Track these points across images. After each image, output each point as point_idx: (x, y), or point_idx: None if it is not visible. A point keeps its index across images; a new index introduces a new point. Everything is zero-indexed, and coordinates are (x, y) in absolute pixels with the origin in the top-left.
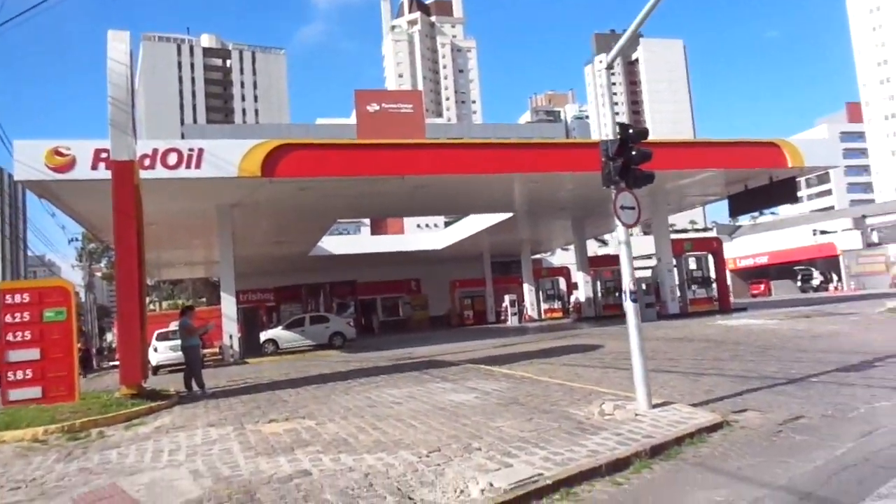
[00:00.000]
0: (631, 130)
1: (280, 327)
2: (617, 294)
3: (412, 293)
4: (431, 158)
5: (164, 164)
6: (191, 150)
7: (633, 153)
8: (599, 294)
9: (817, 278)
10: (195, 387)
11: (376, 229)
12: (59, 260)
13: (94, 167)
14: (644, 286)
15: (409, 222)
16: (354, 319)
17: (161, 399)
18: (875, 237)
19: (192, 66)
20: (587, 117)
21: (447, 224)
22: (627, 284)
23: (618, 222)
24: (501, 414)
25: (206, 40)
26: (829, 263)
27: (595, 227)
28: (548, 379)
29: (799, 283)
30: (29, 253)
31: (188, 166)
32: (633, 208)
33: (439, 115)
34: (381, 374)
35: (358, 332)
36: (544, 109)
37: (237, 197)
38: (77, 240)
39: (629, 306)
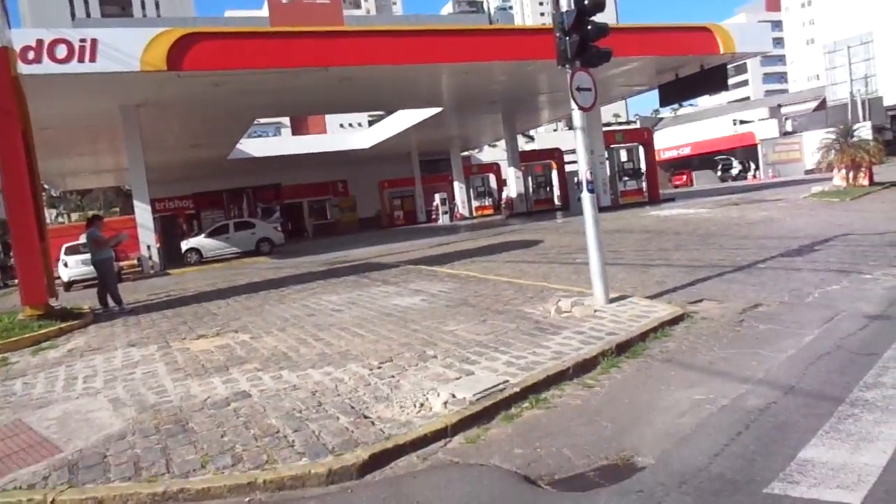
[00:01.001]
0: (587, 1)
1: (202, 235)
2: (548, 189)
3: (339, 195)
4: (356, 47)
5: (52, 58)
6: (83, 40)
7: (589, 28)
8: (531, 189)
9: (736, 167)
10: (111, 303)
11: (297, 130)
12: None
13: None
14: (575, 180)
15: (332, 122)
16: (281, 224)
17: (73, 318)
18: (790, 126)
19: None
20: (510, 8)
21: (371, 123)
22: (584, 174)
23: (574, 105)
24: (453, 317)
25: None
26: (749, 153)
27: (525, 121)
28: (494, 277)
29: (719, 173)
30: None
31: (81, 59)
32: (589, 90)
33: (357, 6)
34: (316, 279)
35: (285, 237)
36: (467, 0)
37: (143, 95)
38: None
39: (586, 197)
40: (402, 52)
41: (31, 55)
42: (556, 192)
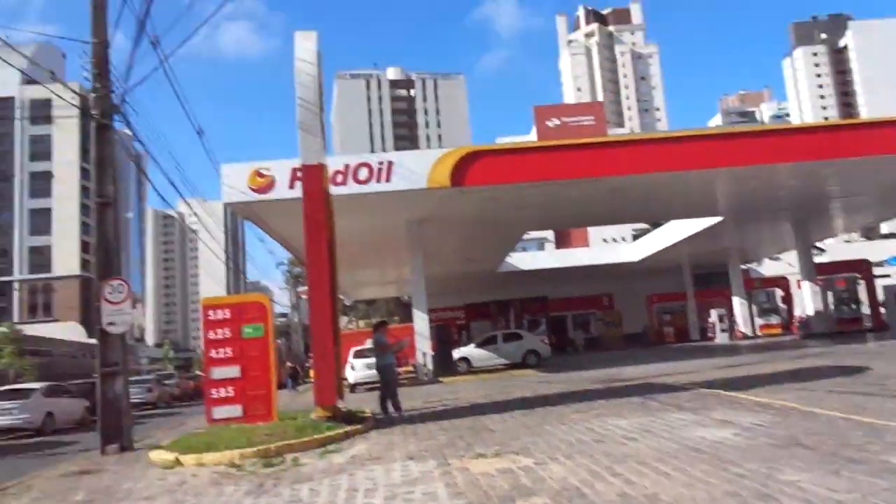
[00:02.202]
0: None
1: (472, 345)
2: (854, 306)
3: (605, 309)
4: (629, 156)
5: (356, 179)
6: (381, 162)
7: None
8: (832, 307)
9: None
10: (391, 408)
11: (561, 244)
12: (271, 284)
13: (292, 186)
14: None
15: (595, 236)
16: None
17: (356, 422)
18: None
19: (380, 98)
20: (787, 115)
21: (636, 237)
22: None
23: None
24: (787, 461)
25: (392, 73)
26: None
27: (820, 229)
28: (822, 411)
29: None
30: (248, 280)
31: (378, 180)
32: None
33: (621, 125)
34: (594, 398)
35: (551, 350)
36: (737, 111)
37: (426, 210)
38: (284, 264)
39: None
40: (677, 158)
41: (339, 178)
42: (865, 310)
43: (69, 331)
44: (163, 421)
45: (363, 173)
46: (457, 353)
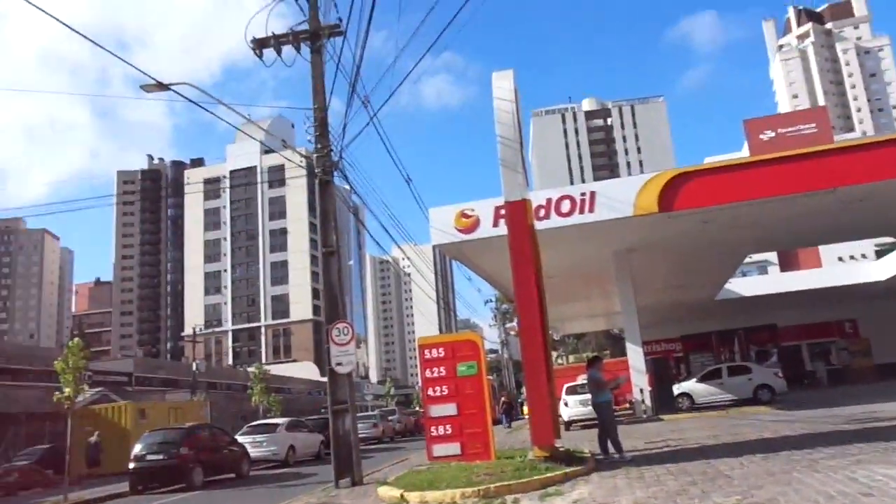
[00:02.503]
0: None
1: (693, 379)
2: None
3: (848, 336)
4: (865, 162)
5: (558, 212)
6: (583, 194)
7: None
8: None
9: None
10: (611, 449)
11: (786, 266)
12: (480, 321)
13: (495, 224)
14: None
15: (827, 256)
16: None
17: (576, 463)
18: None
19: (577, 130)
20: None
21: (879, 253)
22: None
23: None
24: None
25: (587, 104)
26: None
27: None
28: None
29: None
30: (458, 317)
31: (581, 211)
32: None
33: (850, 129)
34: (850, 441)
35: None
36: None
37: (633, 239)
38: (491, 301)
39: None
40: None
41: (541, 213)
42: None
43: (305, 370)
44: (387, 455)
45: (565, 206)
46: (677, 389)
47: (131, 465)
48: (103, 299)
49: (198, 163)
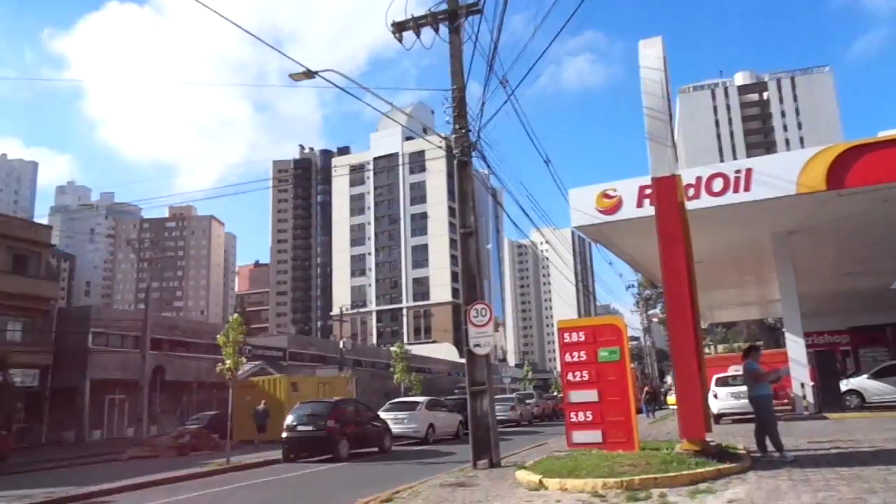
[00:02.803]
0: None
1: (864, 376)
2: None
3: None
4: None
5: (709, 192)
6: (737, 171)
7: None
8: None
9: None
10: (770, 447)
11: None
12: (621, 307)
13: (639, 205)
14: None
15: None
16: None
17: (730, 460)
18: None
19: (728, 107)
20: None
21: None
22: None
23: None
24: None
25: (741, 78)
26: None
27: None
28: None
29: None
30: (598, 303)
31: (735, 190)
32: None
33: None
34: None
35: None
36: None
37: (795, 220)
38: (633, 287)
39: None
40: None
41: (691, 192)
42: None
43: (444, 351)
44: (525, 439)
45: (717, 184)
46: (845, 385)
47: (283, 435)
48: (262, 280)
49: (344, 151)
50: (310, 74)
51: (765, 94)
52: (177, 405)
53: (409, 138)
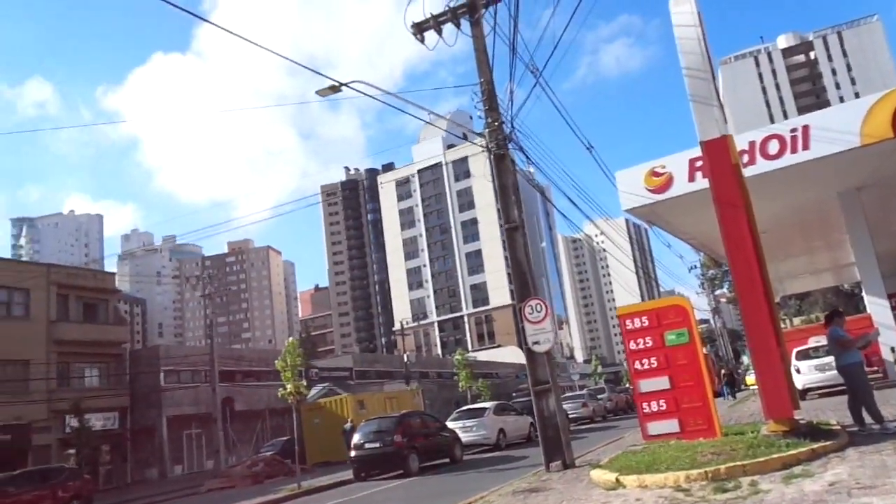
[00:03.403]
0: None
1: None
2: None
3: None
4: None
5: (765, 155)
6: (793, 130)
7: None
8: None
9: None
10: (868, 419)
11: None
12: (686, 290)
13: (691, 178)
14: None
15: None
16: None
17: (825, 438)
18: None
19: (774, 72)
20: None
21: None
22: None
23: None
24: None
25: (783, 41)
26: None
27: None
28: None
29: None
30: (661, 289)
31: (793, 150)
32: None
33: None
34: None
35: None
36: None
37: (863, 174)
38: (696, 268)
39: None
40: None
41: (745, 158)
42: None
43: (509, 354)
44: (599, 435)
45: (773, 147)
46: None
47: (352, 454)
48: (323, 303)
49: (388, 168)
50: (336, 88)
51: (811, 55)
52: (251, 434)
53: (450, 146)
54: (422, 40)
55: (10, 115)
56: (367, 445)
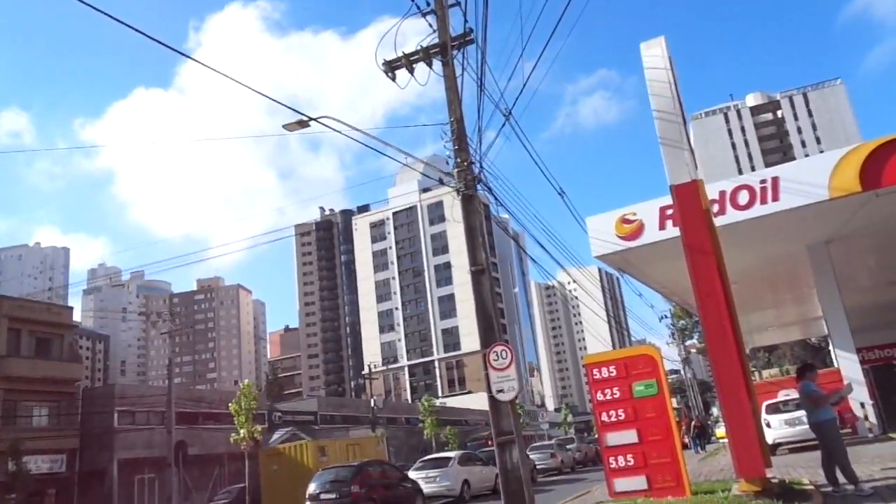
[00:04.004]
0: None
1: None
2: None
3: None
4: None
5: (735, 205)
6: (763, 181)
7: None
8: None
9: None
10: (842, 479)
11: None
12: (656, 340)
13: (662, 227)
14: None
15: None
16: None
17: (798, 499)
18: None
19: (743, 128)
20: None
21: None
22: None
23: None
24: None
25: (752, 99)
26: None
27: None
28: None
29: None
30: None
31: (763, 201)
32: None
33: None
34: None
35: None
36: None
37: (831, 228)
38: (667, 317)
39: None
40: None
41: (715, 208)
42: None
43: (480, 401)
44: (567, 488)
45: (743, 197)
46: None
47: None
48: (293, 344)
49: (364, 209)
50: (304, 123)
51: (779, 113)
52: (209, 479)
53: (426, 189)
54: (393, 78)
55: None
56: (322, 496)
